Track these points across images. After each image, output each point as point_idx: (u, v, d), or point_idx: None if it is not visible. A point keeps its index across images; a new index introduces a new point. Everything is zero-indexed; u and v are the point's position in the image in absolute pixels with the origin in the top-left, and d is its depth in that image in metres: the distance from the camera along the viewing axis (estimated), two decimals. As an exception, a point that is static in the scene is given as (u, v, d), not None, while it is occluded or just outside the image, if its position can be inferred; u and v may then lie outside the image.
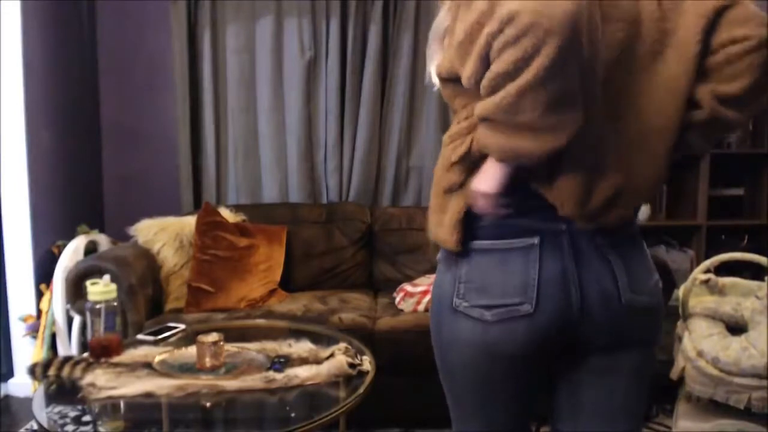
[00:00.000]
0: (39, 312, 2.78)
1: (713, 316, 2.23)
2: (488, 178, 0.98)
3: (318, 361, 1.68)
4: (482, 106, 0.90)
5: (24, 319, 2.78)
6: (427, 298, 2.58)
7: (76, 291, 2.42)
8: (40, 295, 2.81)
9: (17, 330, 2.82)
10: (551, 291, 1.00)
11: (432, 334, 1.14)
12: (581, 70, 0.87)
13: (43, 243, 2.88)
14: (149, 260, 2.68)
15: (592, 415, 1.12)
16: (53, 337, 2.72)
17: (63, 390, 1.60)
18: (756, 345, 2.02)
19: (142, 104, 3.40)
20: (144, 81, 3.38)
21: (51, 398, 1.58)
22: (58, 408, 1.50)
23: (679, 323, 2.31)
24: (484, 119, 0.92)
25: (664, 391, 2.43)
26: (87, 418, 1.45)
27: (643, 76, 1.00)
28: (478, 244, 1.04)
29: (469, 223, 1.05)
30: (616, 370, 1.09)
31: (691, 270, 2.69)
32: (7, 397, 2.84)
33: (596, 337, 1.05)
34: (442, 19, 1.04)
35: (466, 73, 0.91)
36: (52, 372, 1.64)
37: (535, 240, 1.01)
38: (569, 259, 1.01)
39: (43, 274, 2.83)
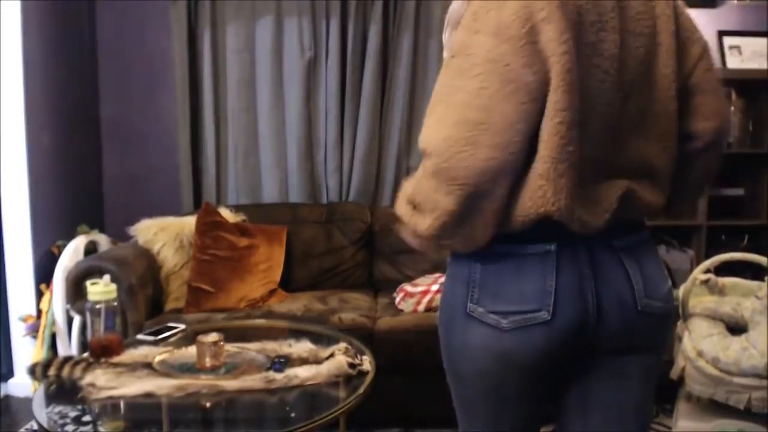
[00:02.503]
0: (39, 312, 2.78)
1: (713, 316, 2.23)
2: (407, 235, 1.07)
3: (318, 361, 1.68)
4: (408, 188, 1.01)
5: (24, 319, 2.78)
6: (427, 298, 2.58)
7: (76, 291, 2.42)
8: (40, 295, 2.81)
9: (17, 330, 2.82)
10: (568, 298, 0.99)
11: (441, 338, 1.12)
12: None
13: (43, 243, 2.88)
14: (149, 260, 2.68)
15: (603, 417, 1.12)
16: (53, 337, 2.72)
17: (63, 390, 1.60)
18: (756, 345, 2.02)
19: (142, 104, 3.39)
20: (144, 81, 3.38)
21: (51, 398, 1.58)
22: (58, 408, 1.50)
23: (679, 323, 2.31)
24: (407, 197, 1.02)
25: (664, 391, 2.43)
26: (87, 418, 1.45)
27: (663, 93, 1.02)
28: (494, 247, 1.01)
29: None
30: (627, 372, 1.09)
31: (691, 270, 2.68)
32: (7, 397, 2.84)
33: (610, 341, 1.04)
34: (457, 6, 1.05)
35: None
36: (52, 372, 1.64)
37: (552, 246, 0.99)
38: (586, 265, 1.00)
39: (43, 274, 2.82)
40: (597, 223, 0.98)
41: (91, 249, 2.87)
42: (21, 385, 2.82)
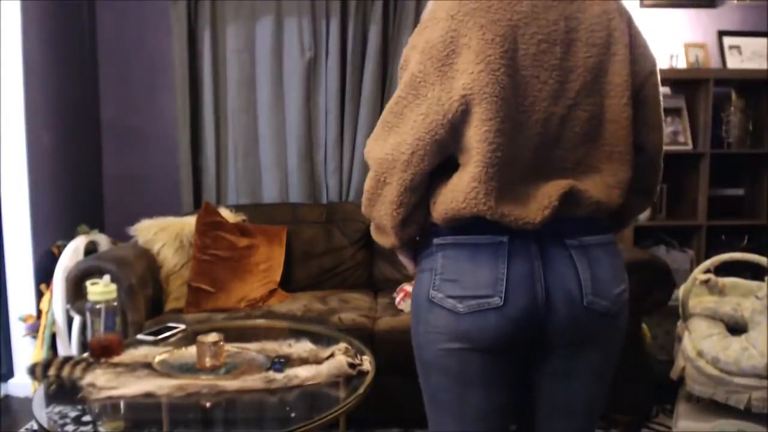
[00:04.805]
0: (39, 312, 2.78)
1: (713, 316, 2.23)
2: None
3: (318, 361, 1.68)
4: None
5: (24, 319, 2.78)
6: (427, 298, 2.58)
7: (76, 291, 2.42)
8: (40, 295, 2.81)
9: (17, 330, 2.82)
10: (519, 287, 1.06)
11: (411, 328, 1.18)
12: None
13: (43, 243, 2.88)
14: (149, 260, 2.68)
15: (550, 414, 1.19)
16: (53, 337, 2.72)
17: (63, 390, 1.60)
18: (756, 345, 2.02)
19: (142, 104, 3.40)
20: (144, 81, 3.38)
21: (51, 398, 1.58)
22: (58, 408, 1.50)
23: (679, 323, 2.31)
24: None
25: (664, 391, 2.44)
26: (87, 418, 1.45)
27: (616, 101, 1.09)
28: (452, 238, 1.10)
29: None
30: (574, 372, 1.15)
31: (691, 270, 2.69)
32: (7, 397, 2.84)
33: (560, 334, 1.10)
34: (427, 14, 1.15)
35: None
36: (52, 372, 1.64)
37: (504, 238, 1.07)
38: (536, 258, 1.07)
39: (43, 274, 2.83)
40: (533, 219, 1.05)
41: (91, 249, 2.87)
42: (21, 385, 2.82)
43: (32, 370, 1.69)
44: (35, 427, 2.08)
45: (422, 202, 1.10)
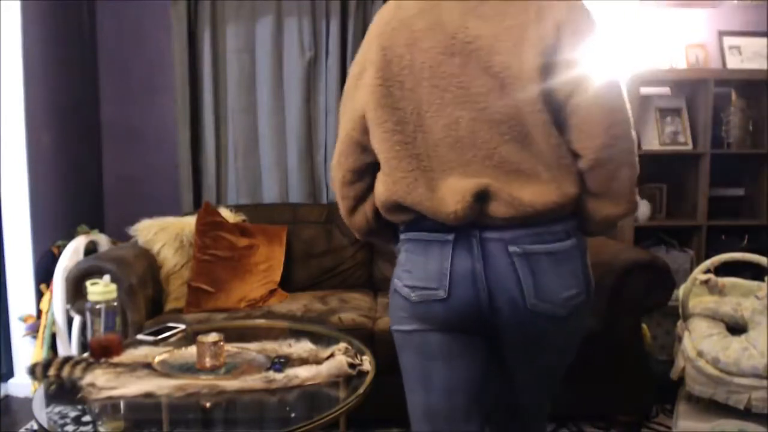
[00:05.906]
0: (39, 312, 2.78)
1: (713, 316, 2.23)
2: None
3: (318, 361, 1.68)
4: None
5: (24, 319, 2.78)
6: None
7: (76, 291, 2.41)
8: (40, 295, 2.81)
9: (17, 330, 2.82)
10: (461, 283, 1.16)
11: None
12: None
13: (43, 243, 2.88)
14: (149, 260, 2.68)
15: (505, 403, 1.34)
16: (53, 337, 2.72)
17: (63, 390, 1.60)
18: (756, 345, 2.02)
19: (142, 104, 3.39)
20: (144, 81, 3.38)
21: (51, 398, 1.58)
22: (58, 408, 1.50)
23: (679, 323, 2.31)
24: None
25: (664, 391, 2.44)
26: (87, 418, 1.45)
27: (528, 107, 1.11)
28: (411, 234, 1.23)
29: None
30: (528, 369, 1.28)
31: (691, 270, 2.69)
32: (7, 397, 2.84)
33: (508, 333, 1.20)
34: None
35: None
36: (52, 372, 1.64)
37: (450, 237, 1.17)
38: (478, 260, 1.15)
39: (43, 274, 2.83)
40: (449, 212, 1.13)
41: (91, 249, 2.87)
42: (21, 385, 2.82)
43: (32, 370, 1.69)
44: (35, 427, 2.08)
45: (364, 195, 1.26)
